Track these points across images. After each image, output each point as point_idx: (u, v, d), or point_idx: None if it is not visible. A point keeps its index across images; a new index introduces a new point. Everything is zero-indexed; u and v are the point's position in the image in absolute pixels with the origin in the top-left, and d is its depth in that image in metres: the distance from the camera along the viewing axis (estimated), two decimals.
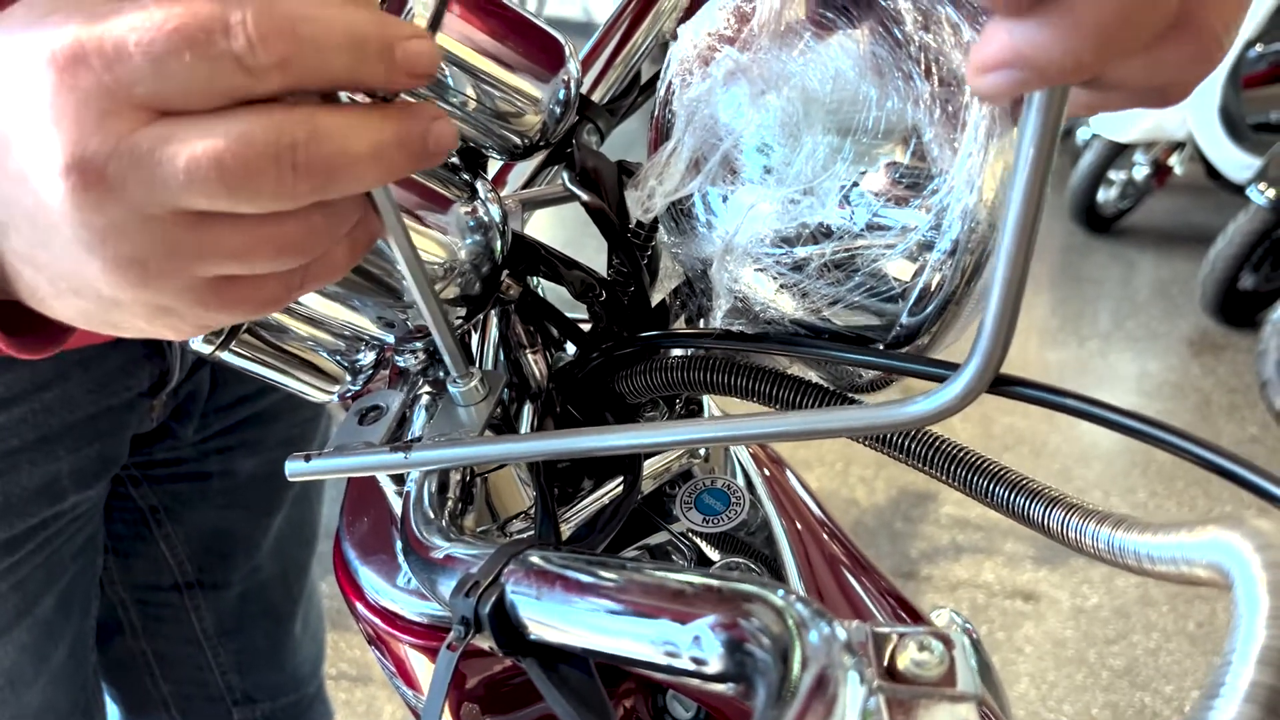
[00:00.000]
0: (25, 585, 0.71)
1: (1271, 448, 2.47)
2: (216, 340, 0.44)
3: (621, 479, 0.51)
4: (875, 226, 0.39)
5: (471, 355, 0.54)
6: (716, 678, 0.30)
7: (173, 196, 0.30)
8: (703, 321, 0.48)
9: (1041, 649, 1.94)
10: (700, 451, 0.56)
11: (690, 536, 0.56)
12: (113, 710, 0.96)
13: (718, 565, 0.55)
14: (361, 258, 0.38)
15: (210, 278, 0.33)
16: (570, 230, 1.27)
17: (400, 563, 0.55)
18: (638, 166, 0.46)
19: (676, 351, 0.48)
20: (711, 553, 0.56)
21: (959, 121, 0.37)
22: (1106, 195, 3.52)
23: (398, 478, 0.56)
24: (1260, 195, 2.66)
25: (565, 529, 0.51)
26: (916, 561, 2.16)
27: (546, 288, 0.53)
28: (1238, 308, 2.91)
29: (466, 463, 0.46)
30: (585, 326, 0.52)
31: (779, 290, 0.42)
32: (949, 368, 0.39)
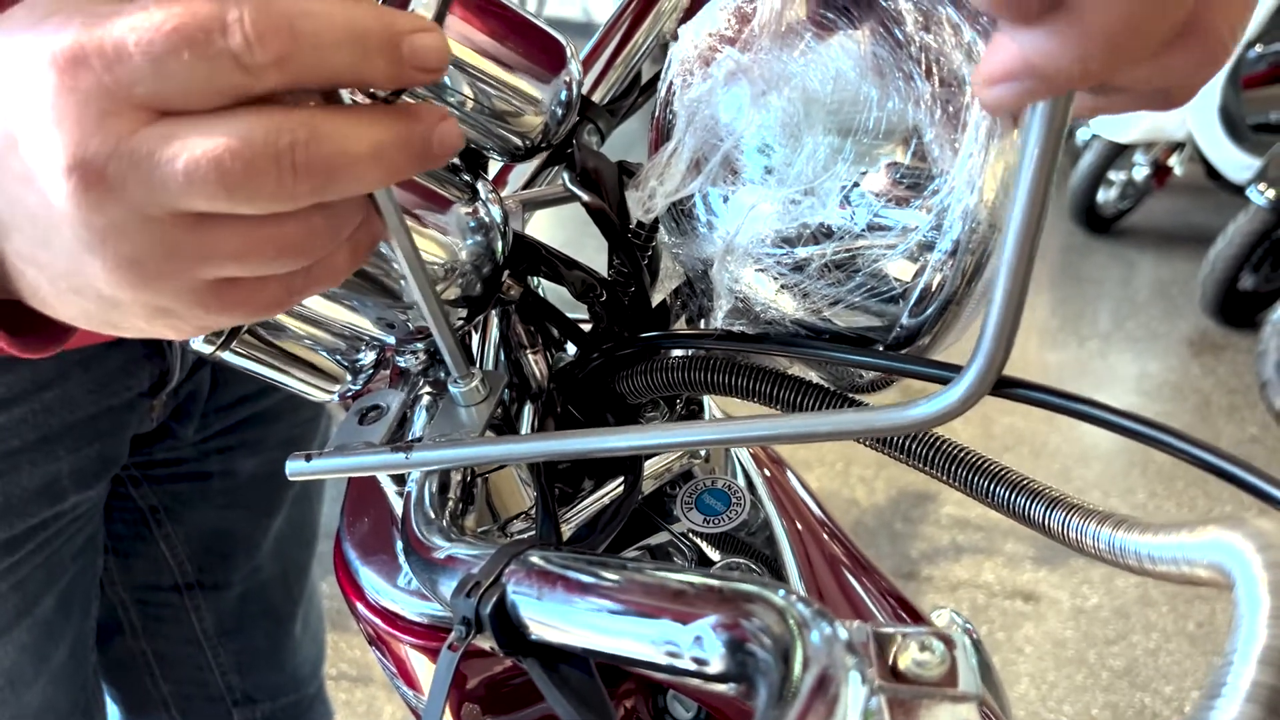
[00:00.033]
0: (25, 585, 0.71)
1: (1271, 448, 2.47)
2: (217, 340, 0.44)
3: (622, 479, 0.51)
4: (876, 227, 0.39)
5: (472, 355, 0.54)
6: (718, 678, 0.30)
7: (172, 198, 0.29)
8: (703, 322, 0.48)
9: (1041, 649, 1.95)
10: (701, 452, 0.56)
11: (691, 537, 0.56)
12: (113, 710, 0.96)
13: (718, 565, 0.55)
14: (363, 262, 0.38)
15: (210, 280, 0.33)
16: (570, 230, 1.27)
17: (401, 563, 0.55)
18: (638, 167, 0.46)
19: (677, 352, 0.48)
20: (712, 553, 0.56)
21: (960, 122, 0.37)
22: (1106, 195, 3.52)
23: (398, 478, 0.56)
24: (1260, 196, 2.66)
25: (566, 529, 0.51)
26: (916, 562, 2.16)
27: (547, 288, 0.53)
28: (1237, 308, 2.91)
29: (467, 463, 0.46)
30: (586, 327, 0.52)
31: (780, 291, 0.42)
32: (950, 369, 0.39)
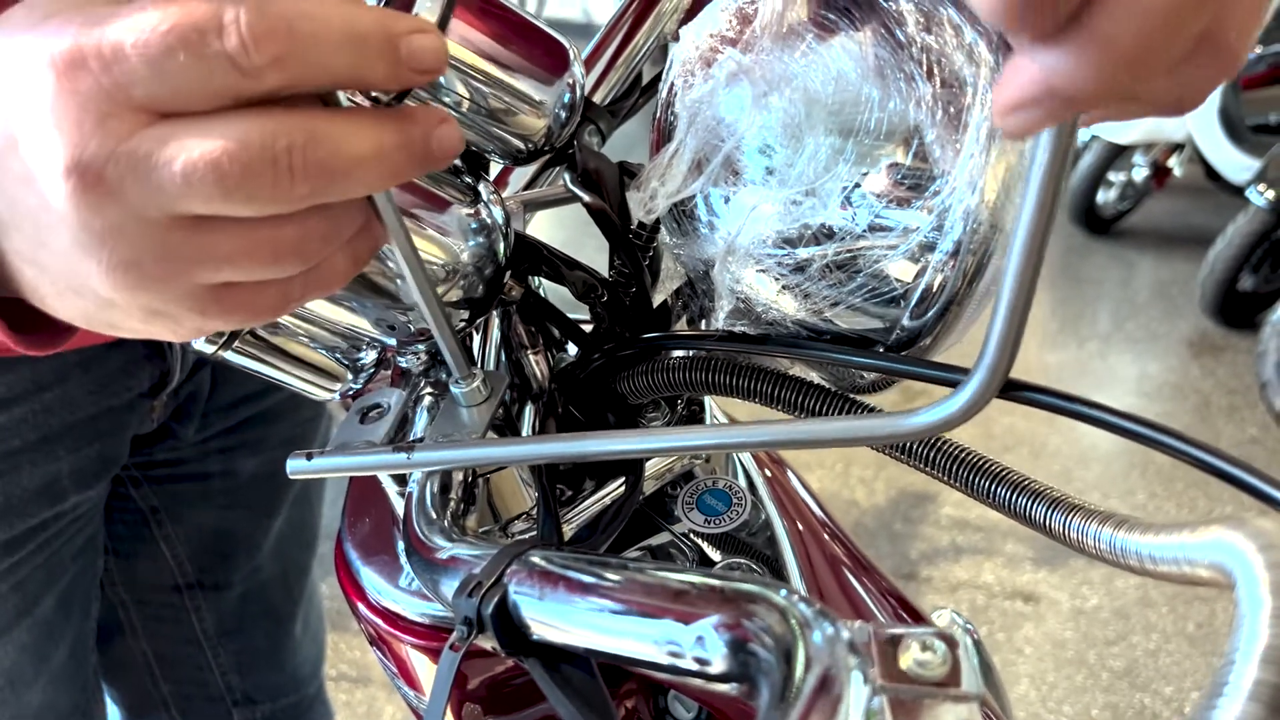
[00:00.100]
0: (25, 586, 0.71)
1: (1271, 449, 2.47)
2: (219, 341, 0.44)
3: (623, 480, 0.51)
4: (877, 227, 0.39)
5: (473, 356, 0.54)
6: (720, 678, 0.30)
7: (169, 200, 0.29)
8: (704, 323, 0.48)
9: (1041, 650, 1.95)
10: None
11: (692, 537, 0.56)
12: (113, 710, 0.96)
13: (719, 566, 0.55)
14: (363, 267, 0.38)
15: (208, 284, 0.32)
16: (571, 231, 1.27)
17: (402, 563, 0.55)
18: (639, 168, 0.46)
19: (678, 352, 0.48)
20: (713, 553, 0.56)
21: (961, 123, 0.37)
22: (1106, 197, 3.52)
23: (400, 478, 0.56)
24: (1259, 197, 2.66)
25: (567, 529, 0.51)
26: (916, 562, 2.16)
27: (548, 288, 0.53)
28: (1237, 309, 2.91)
29: (469, 464, 0.46)
30: (587, 327, 0.52)
31: (781, 291, 0.42)
32: (951, 370, 0.39)
